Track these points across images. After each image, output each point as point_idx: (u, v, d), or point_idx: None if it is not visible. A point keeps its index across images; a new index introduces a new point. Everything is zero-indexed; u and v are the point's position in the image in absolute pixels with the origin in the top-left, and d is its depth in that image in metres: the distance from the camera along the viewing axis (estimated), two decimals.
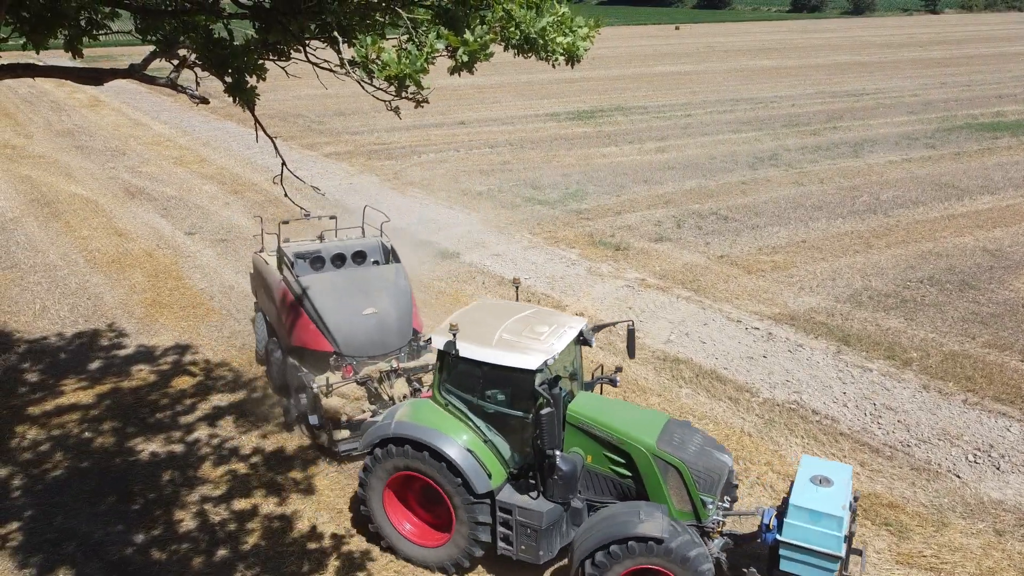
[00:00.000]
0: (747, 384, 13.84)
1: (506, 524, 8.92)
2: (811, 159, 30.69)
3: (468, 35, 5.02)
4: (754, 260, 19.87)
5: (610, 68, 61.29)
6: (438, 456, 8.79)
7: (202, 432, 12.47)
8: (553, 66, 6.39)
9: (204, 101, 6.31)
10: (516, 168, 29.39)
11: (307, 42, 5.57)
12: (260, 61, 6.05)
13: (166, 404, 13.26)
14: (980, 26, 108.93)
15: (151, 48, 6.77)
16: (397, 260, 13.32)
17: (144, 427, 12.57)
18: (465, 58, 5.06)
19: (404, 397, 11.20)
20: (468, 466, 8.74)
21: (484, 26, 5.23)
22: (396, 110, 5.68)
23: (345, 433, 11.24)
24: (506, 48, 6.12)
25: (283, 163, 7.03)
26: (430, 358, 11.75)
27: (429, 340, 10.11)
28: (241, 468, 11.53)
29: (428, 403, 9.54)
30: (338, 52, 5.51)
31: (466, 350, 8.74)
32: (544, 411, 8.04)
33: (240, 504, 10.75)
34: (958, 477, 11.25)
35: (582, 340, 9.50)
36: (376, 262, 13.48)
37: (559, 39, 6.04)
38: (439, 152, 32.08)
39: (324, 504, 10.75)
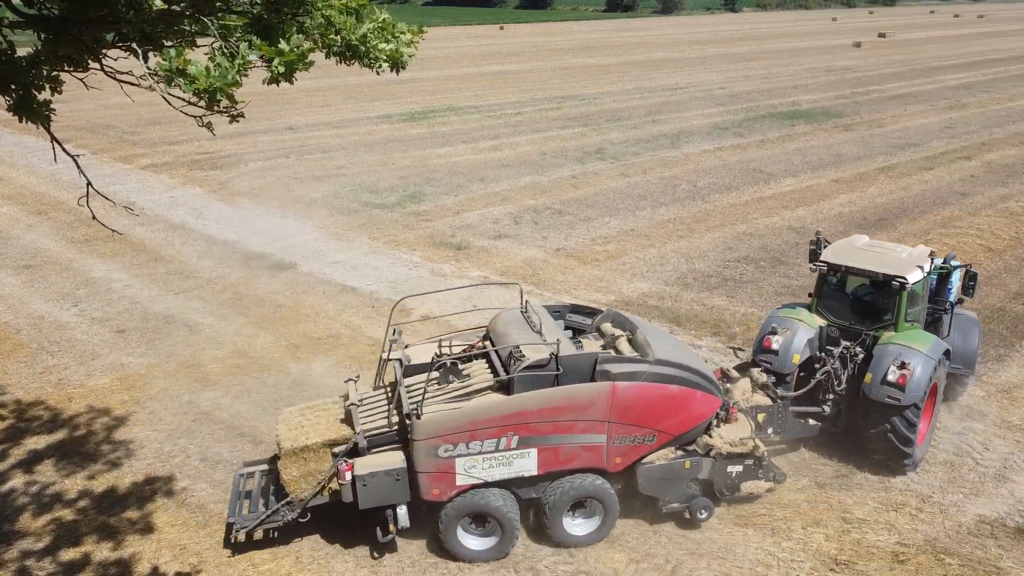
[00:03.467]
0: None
1: None
2: (634, 152, 32.32)
3: (283, 44, 4.83)
4: (589, 251, 20.67)
5: (440, 68, 61.44)
6: None
7: (17, 480, 11.29)
8: (377, 73, 6.31)
9: None
10: (351, 172, 28.83)
11: (104, 53, 5.14)
12: (54, 73, 5.53)
13: None
14: (774, 23, 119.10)
15: None
16: (587, 312, 11.50)
17: None
18: (281, 68, 4.86)
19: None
20: None
21: (301, 34, 5.06)
22: (208, 125, 5.36)
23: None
24: (328, 56, 5.96)
25: (88, 183, 6.47)
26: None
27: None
28: (67, 514, 10.56)
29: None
30: (144, 63, 5.14)
31: None
32: None
33: (68, 554, 9.84)
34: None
35: None
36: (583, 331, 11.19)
37: (382, 46, 5.96)
38: (268, 159, 30.84)
39: (165, 542, 10.06)
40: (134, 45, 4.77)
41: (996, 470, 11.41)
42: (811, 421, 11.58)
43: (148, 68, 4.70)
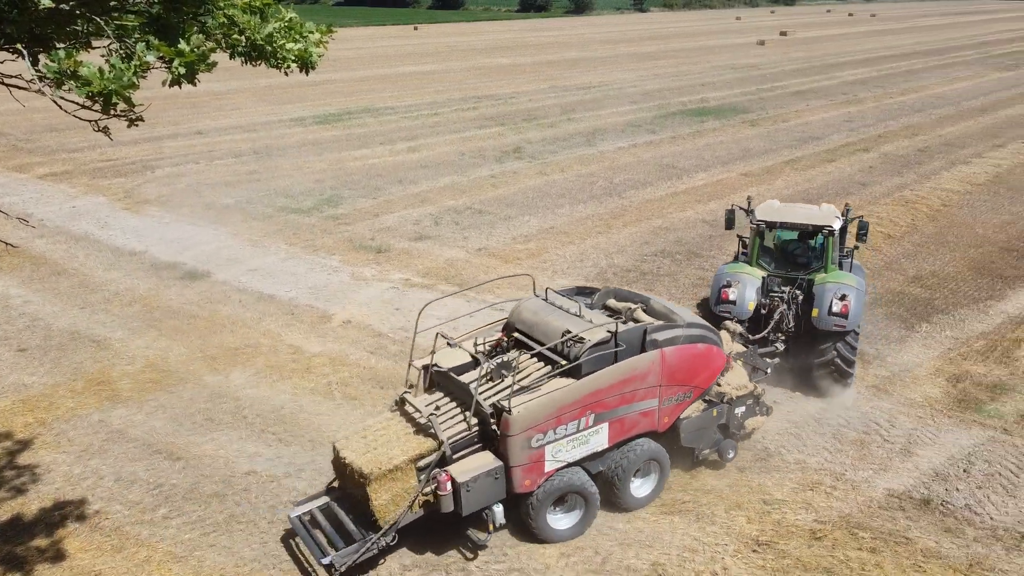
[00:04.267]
0: None
1: None
2: (551, 150, 32.64)
3: (183, 45, 4.65)
4: (510, 250, 20.75)
5: (354, 70, 60.60)
6: None
7: None
8: (286, 74, 6.17)
9: None
10: (265, 177, 28.11)
11: None
12: None
13: None
14: (681, 23, 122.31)
15: None
16: (588, 292, 12.00)
17: None
18: (182, 70, 4.67)
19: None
20: None
21: (202, 34, 4.89)
22: (105, 130, 5.11)
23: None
24: (232, 56, 5.78)
25: None
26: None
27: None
28: None
29: None
30: (32, 65, 4.86)
31: None
32: None
33: None
34: None
35: None
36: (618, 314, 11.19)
37: (289, 45, 5.82)
38: (176, 165, 29.76)
39: (78, 570, 9.58)
40: (19, 46, 4.50)
41: (902, 445, 12.02)
42: (767, 359, 12.80)
43: (36, 71, 4.44)
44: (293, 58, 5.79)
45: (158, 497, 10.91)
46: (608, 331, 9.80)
